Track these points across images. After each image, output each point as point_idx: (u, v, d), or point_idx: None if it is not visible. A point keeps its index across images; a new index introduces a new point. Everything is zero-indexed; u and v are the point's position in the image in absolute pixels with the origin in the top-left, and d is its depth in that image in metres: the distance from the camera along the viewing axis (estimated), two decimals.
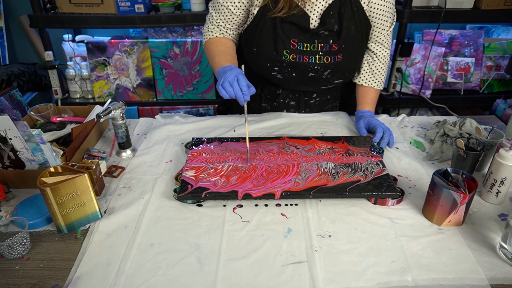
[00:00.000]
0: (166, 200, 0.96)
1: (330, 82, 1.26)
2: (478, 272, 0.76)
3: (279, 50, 1.17)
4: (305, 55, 1.17)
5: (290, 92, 1.34)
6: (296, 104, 1.36)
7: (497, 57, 2.23)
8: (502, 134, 1.04)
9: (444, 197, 0.84)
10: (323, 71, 1.21)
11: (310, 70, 1.20)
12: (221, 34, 1.25)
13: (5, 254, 0.80)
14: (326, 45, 1.16)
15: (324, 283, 0.74)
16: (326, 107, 1.40)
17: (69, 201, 0.83)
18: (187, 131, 1.27)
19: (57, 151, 1.03)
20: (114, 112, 1.06)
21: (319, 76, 1.22)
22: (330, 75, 1.22)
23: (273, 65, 1.20)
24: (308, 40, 1.16)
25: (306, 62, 1.18)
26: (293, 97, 1.35)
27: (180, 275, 0.76)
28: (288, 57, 1.17)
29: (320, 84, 1.26)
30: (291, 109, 1.37)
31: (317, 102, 1.36)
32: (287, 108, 1.37)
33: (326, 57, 1.17)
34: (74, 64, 2.13)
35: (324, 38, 1.15)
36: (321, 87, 1.29)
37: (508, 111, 2.09)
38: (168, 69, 2.11)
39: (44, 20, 2.01)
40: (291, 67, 1.20)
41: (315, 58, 1.17)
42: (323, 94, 1.36)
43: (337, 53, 1.17)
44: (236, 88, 1.02)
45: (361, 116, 1.26)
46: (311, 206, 0.93)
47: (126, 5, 1.95)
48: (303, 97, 1.34)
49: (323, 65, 1.19)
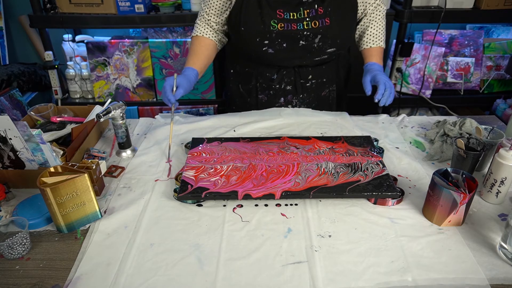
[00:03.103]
0: (166, 200, 0.96)
1: (323, 52, 1.26)
2: (478, 272, 0.76)
3: (266, 21, 1.19)
4: (293, 23, 1.19)
5: (285, 76, 1.33)
6: (293, 88, 1.35)
7: (497, 57, 2.23)
8: (502, 134, 1.04)
9: (444, 197, 0.84)
10: (313, 37, 1.21)
11: (300, 37, 1.21)
12: (207, 26, 1.30)
13: (5, 254, 0.80)
14: (312, 10, 1.19)
15: (324, 283, 0.74)
16: (323, 91, 1.39)
17: (69, 201, 0.83)
18: (187, 131, 1.27)
19: (57, 151, 1.03)
20: (114, 112, 1.06)
21: (310, 45, 1.23)
22: (322, 42, 1.23)
23: (263, 39, 1.22)
24: (294, 9, 1.19)
25: (294, 29, 1.20)
26: (289, 80, 1.34)
27: (180, 275, 0.76)
28: (276, 26, 1.19)
29: (313, 55, 1.26)
30: (288, 95, 1.36)
31: (313, 85, 1.35)
32: (284, 94, 1.36)
33: (313, 21, 1.19)
34: (74, 64, 2.13)
35: (309, 4, 1.19)
36: (314, 58, 1.28)
37: (508, 111, 2.09)
38: (168, 69, 2.11)
39: (44, 20, 2.01)
40: (281, 37, 1.21)
41: (302, 24, 1.19)
42: (319, 74, 1.34)
43: (324, 16, 1.19)
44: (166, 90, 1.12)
45: (368, 69, 1.26)
46: (311, 206, 0.93)
47: (126, 5, 1.95)
48: (299, 79, 1.33)
49: (312, 30, 1.20)
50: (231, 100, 1.48)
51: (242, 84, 1.40)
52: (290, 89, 1.35)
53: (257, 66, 1.33)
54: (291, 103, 1.38)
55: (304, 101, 1.38)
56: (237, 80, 1.41)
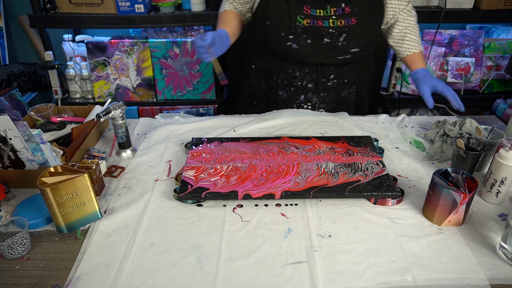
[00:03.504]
0: (166, 200, 0.96)
1: (347, 51, 1.26)
2: (478, 272, 0.76)
3: (292, 16, 1.20)
4: (319, 19, 1.20)
5: (308, 73, 1.32)
6: (314, 86, 1.34)
7: (497, 57, 2.23)
8: (502, 134, 1.04)
9: (444, 197, 0.84)
10: (338, 36, 1.22)
11: (325, 34, 1.21)
12: (233, 7, 1.33)
13: (5, 254, 0.80)
14: (338, 9, 1.20)
15: (324, 283, 0.74)
16: (343, 92, 1.39)
17: (69, 201, 0.83)
18: (187, 131, 1.27)
19: (57, 151, 1.03)
20: (114, 112, 1.06)
21: (335, 43, 1.23)
22: (346, 41, 1.23)
23: (288, 34, 1.22)
24: (321, 6, 1.20)
25: (320, 26, 1.20)
26: (311, 78, 1.33)
27: (180, 275, 0.76)
28: (302, 22, 1.20)
29: (337, 53, 1.26)
30: (309, 93, 1.36)
31: (334, 84, 1.35)
32: (305, 92, 1.36)
33: (339, 20, 1.20)
34: (74, 64, 2.12)
35: (336, 3, 1.20)
36: (337, 57, 1.28)
37: (508, 111, 2.09)
38: (168, 69, 2.11)
39: (44, 20, 2.01)
40: (306, 33, 1.21)
41: (328, 22, 1.20)
42: (340, 74, 1.34)
43: (351, 15, 1.20)
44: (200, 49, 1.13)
45: (420, 78, 1.27)
46: (311, 206, 0.93)
47: (126, 5, 1.95)
48: (320, 78, 1.33)
49: (337, 28, 1.21)
50: (252, 95, 1.47)
51: (264, 79, 1.40)
52: (311, 87, 1.35)
53: (280, 62, 1.33)
54: (311, 101, 1.38)
55: (324, 100, 1.38)
56: (259, 76, 1.41)
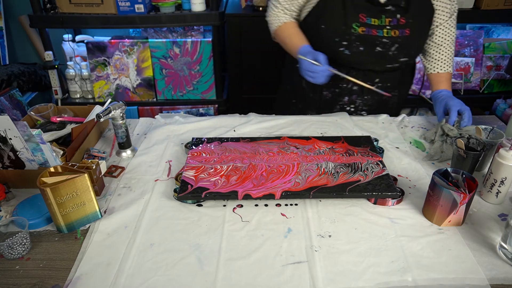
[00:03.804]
0: (166, 200, 0.96)
1: (396, 60, 1.27)
2: (478, 272, 0.76)
3: (348, 23, 1.20)
4: (373, 28, 1.21)
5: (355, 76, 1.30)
6: (359, 89, 1.34)
7: (497, 57, 2.23)
8: (502, 134, 1.04)
9: (444, 197, 0.84)
10: (390, 45, 1.22)
11: (378, 43, 1.22)
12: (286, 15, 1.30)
13: (5, 254, 0.80)
14: (393, 19, 1.20)
15: (324, 283, 0.74)
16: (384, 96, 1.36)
17: (69, 201, 0.83)
18: (187, 131, 1.27)
19: (57, 151, 1.03)
20: (114, 112, 1.06)
21: (386, 52, 1.24)
22: (397, 51, 1.24)
23: (342, 40, 1.22)
24: (376, 15, 1.20)
25: (374, 35, 1.21)
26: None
27: (180, 275, 0.76)
28: (357, 30, 1.20)
29: (386, 61, 1.27)
30: (353, 95, 1.36)
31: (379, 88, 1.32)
32: (349, 94, 1.36)
33: (394, 30, 1.21)
34: (74, 64, 2.13)
35: (391, 13, 1.20)
36: (386, 65, 1.28)
37: (508, 111, 2.09)
38: (168, 69, 2.11)
39: (44, 20, 2.01)
40: (360, 40, 1.22)
41: (383, 31, 1.21)
42: (385, 79, 1.34)
43: (405, 27, 1.21)
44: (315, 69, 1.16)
45: (437, 97, 1.26)
46: (311, 206, 0.93)
47: (126, 5, 1.95)
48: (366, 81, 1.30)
49: (391, 38, 1.21)
50: (292, 94, 1.48)
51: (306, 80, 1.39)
52: (356, 90, 1.35)
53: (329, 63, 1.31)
54: (354, 103, 1.38)
55: (367, 103, 1.38)
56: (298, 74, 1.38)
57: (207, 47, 2.06)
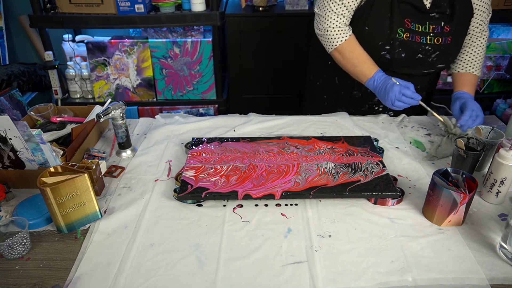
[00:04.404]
0: (166, 200, 0.96)
1: (433, 66, 1.26)
2: (478, 272, 0.76)
3: (394, 28, 1.18)
4: (417, 35, 1.19)
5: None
6: None
7: (497, 57, 2.23)
8: (502, 134, 1.04)
9: (444, 197, 0.84)
10: (432, 53, 1.21)
11: (421, 50, 1.21)
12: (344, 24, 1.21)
13: (5, 254, 0.80)
14: (437, 27, 1.19)
15: (324, 283, 0.74)
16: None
17: (69, 201, 0.83)
18: (187, 131, 1.27)
19: (57, 151, 1.03)
20: (114, 112, 1.06)
21: (426, 59, 1.23)
22: (437, 57, 1.23)
23: (385, 44, 1.21)
24: (420, 21, 1.18)
25: (418, 41, 1.19)
26: None
27: (180, 275, 0.76)
28: (402, 35, 1.19)
29: (424, 67, 1.26)
30: None
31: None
32: None
33: (437, 38, 1.19)
34: (74, 64, 2.12)
35: (436, 20, 1.18)
36: (423, 70, 1.27)
37: (508, 111, 2.09)
38: (168, 69, 2.11)
39: (44, 20, 2.00)
40: (403, 46, 1.20)
41: (426, 38, 1.19)
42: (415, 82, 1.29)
43: (448, 35, 1.20)
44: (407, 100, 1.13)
45: (457, 97, 1.23)
46: (311, 206, 0.93)
47: (126, 5, 1.95)
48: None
49: (433, 46, 1.20)
50: (323, 89, 1.47)
51: (339, 77, 1.39)
52: None
53: None
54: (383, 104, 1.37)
55: None
56: (334, 73, 1.39)
57: (207, 47, 2.05)
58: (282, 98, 2.50)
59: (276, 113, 1.38)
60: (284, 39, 2.29)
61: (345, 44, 1.22)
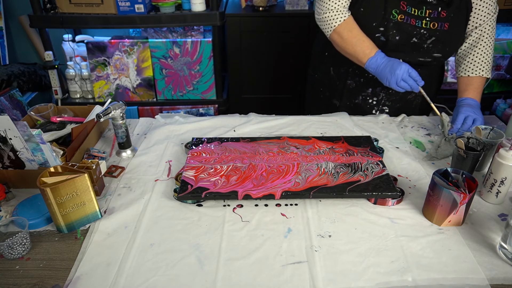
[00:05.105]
0: (166, 200, 0.96)
1: (429, 54, 1.24)
2: (478, 272, 0.76)
3: (388, 8, 1.18)
4: (412, 18, 1.19)
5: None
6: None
7: (497, 57, 2.23)
8: (502, 134, 1.04)
9: (444, 197, 0.84)
10: (427, 38, 1.21)
11: (416, 34, 1.20)
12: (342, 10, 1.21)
13: (5, 254, 0.80)
14: (434, 12, 1.19)
15: (324, 283, 0.74)
16: (409, 95, 1.36)
17: (69, 201, 0.83)
18: (187, 131, 1.27)
19: (57, 151, 1.03)
20: (114, 112, 1.06)
21: (421, 44, 1.22)
22: (432, 44, 1.22)
23: (379, 25, 1.21)
24: (417, 5, 1.19)
25: (413, 24, 1.19)
26: None
27: (180, 275, 0.76)
28: (397, 17, 1.19)
29: (419, 54, 1.24)
30: (377, 87, 1.34)
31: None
32: (373, 85, 1.34)
33: (433, 22, 1.19)
34: (74, 64, 2.13)
35: (433, 6, 1.18)
36: (418, 58, 1.25)
37: (508, 111, 2.09)
38: (168, 69, 2.11)
39: (44, 20, 2.00)
40: (397, 28, 1.20)
41: (422, 22, 1.19)
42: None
43: (445, 20, 1.19)
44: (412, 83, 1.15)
45: (459, 105, 1.22)
46: (311, 206, 0.93)
47: (126, 5, 1.95)
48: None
49: (429, 30, 1.20)
50: (319, 82, 1.47)
51: (334, 67, 1.39)
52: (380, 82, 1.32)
53: None
54: (377, 96, 1.37)
55: (390, 98, 1.37)
56: (330, 63, 1.39)
57: (207, 47, 2.06)
58: (282, 98, 2.50)
59: (276, 113, 1.38)
60: (284, 39, 2.29)
61: (344, 24, 1.21)
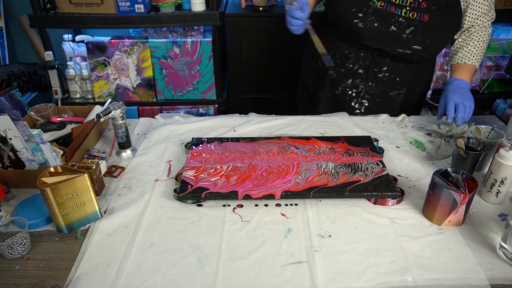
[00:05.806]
0: (166, 200, 0.96)
1: (408, 46, 1.24)
2: (478, 272, 0.76)
3: None
4: (392, 6, 1.19)
5: (362, 58, 1.31)
6: (364, 73, 1.33)
7: (497, 57, 2.23)
8: (502, 134, 1.04)
9: (444, 197, 0.84)
10: (405, 27, 1.20)
11: (394, 22, 1.20)
12: None
13: (5, 254, 0.80)
14: (415, 2, 1.18)
15: (324, 283, 0.74)
16: (392, 91, 1.36)
17: (69, 201, 0.83)
18: (187, 131, 1.27)
19: (57, 151, 1.03)
20: (114, 112, 1.06)
21: (400, 34, 1.22)
22: (411, 35, 1.21)
23: (358, 11, 1.21)
24: None
25: (392, 12, 1.19)
26: (364, 64, 1.32)
27: (180, 275, 0.76)
28: (376, 3, 1.19)
29: (398, 44, 1.24)
30: (357, 78, 1.34)
31: (385, 77, 1.33)
32: (353, 76, 1.34)
33: (412, 12, 1.19)
34: (74, 64, 2.13)
35: None
36: (397, 48, 1.25)
37: (508, 111, 2.09)
38: (168, 69, 2.11)
39: (44, 20, 2.00)
40: (376, 15, 1.20)
41: (401, 11, 1.19)
42: (394, 70, 1.32)
43: (425, 11, 1.18)
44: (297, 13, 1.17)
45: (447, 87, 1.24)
46: (311, 206, 0.93)
47: (126, 5, 1.95)
48: (373, 66, 1.31)
49: (407, 19, 1.19)
50: (308, 74, 1.49)
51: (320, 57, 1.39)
52: (361, 73, 1.33)
53: (338, 40, 1.32)
54: (357, 88, 1.36)
55: (370, 91, 1.36)
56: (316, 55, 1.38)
57: (207, 47, 2.05)
58: (282, 98, 2.50)
59: (276, 113, 1.38)
60: (284, 39, 2.29)
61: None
